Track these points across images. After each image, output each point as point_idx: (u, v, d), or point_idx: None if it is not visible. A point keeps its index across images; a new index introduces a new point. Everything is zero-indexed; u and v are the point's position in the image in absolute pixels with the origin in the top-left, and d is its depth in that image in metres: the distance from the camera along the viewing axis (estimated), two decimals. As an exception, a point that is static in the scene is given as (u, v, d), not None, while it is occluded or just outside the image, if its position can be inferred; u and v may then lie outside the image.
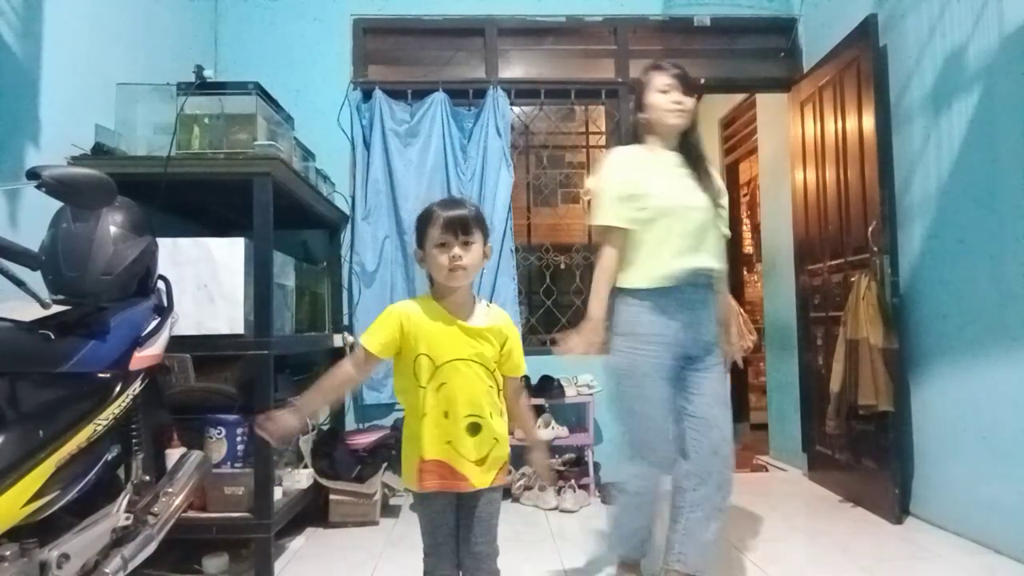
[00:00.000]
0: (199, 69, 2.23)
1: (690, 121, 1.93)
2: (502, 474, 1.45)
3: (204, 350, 2.05)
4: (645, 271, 1.83)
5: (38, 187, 1.23)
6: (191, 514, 2.04)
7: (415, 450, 1.40)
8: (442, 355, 1.39)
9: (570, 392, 3.16)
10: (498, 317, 1.47)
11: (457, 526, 1.45)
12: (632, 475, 1.90)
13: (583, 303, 3.65)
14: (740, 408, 4.79)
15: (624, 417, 1.89)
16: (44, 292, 1.40)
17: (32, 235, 1.58)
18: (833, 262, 3.10)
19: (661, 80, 1.91)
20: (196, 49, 3.12)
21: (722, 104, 5.02)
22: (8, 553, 1.20)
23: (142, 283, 1.64)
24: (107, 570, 1.41)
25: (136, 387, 1.54)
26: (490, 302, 1.53)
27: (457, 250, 1.37)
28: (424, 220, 1.43)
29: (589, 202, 1.97)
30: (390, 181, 3.30)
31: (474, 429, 1.39)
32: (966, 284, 2.42)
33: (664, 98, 1.90)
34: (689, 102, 1.91)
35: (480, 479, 1.40)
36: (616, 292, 1.88)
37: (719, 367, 1.91)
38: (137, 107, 2.33)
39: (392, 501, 2.98)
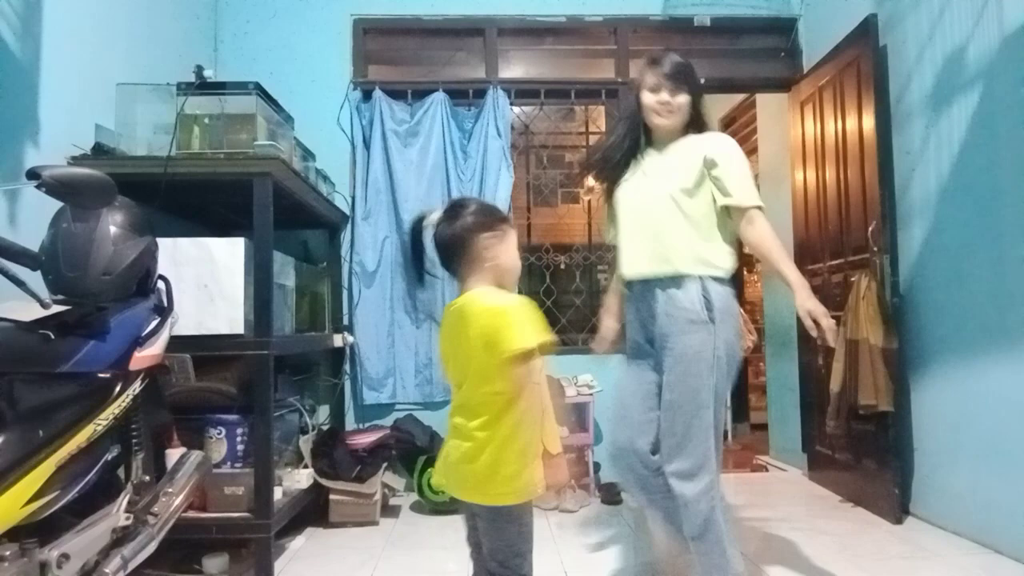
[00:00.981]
0: (199, 69, 2.23)
1: (682, 119, 1.88)
2: None
3: (204, 350, 2.05)
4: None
5: (38, 187, 1.23)
6: (191, 514, 2.04)
7: (535, 448, 1.35)
8: None
9: (570, 392, 3.16)
10: None
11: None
12: None
13: (583, 303, 3.65)
14: (740, 408, 4.79)
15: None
16: (44, 292, 1.40)
17: (32, 235, 1.58)
18: (833, 262, 3.10)
19: (650, 79, 1.88)
20: (196, 49, 3.12)
21: (722, 104, 5.02)
22: (8, 553, 1.20)
23: (142, 283, 1.64)
24: (107, 570, 1.41)
25: (136, 387, 1.54)
26: None
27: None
28: (499, 218, 1.43)
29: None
30: (390, 181, 3.30)
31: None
32: (966, 284, 2.42)
33: (652, 97, 1.87)
34: (679, 100, 1.85)
35: None
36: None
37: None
38: (137, 107, 2.33)
39: (392, 501, 2.99)
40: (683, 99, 1.86)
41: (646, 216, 1.85)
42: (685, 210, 1.81)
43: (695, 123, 1.90)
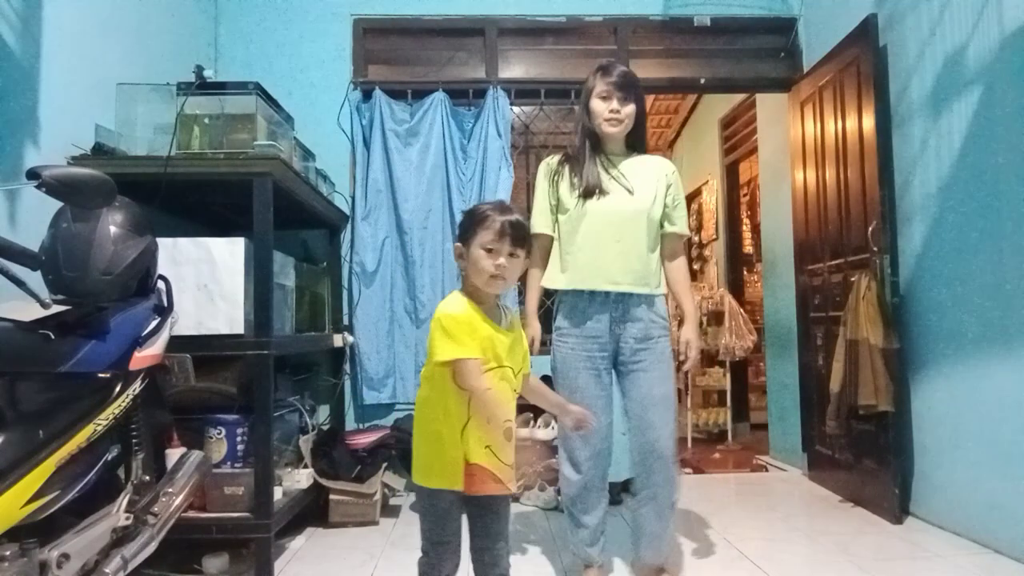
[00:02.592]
0: (199, 69, 2.23)
1: (628, 128, 2.00)
2: None
3: (204, 350, 2.05)
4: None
5: (38, 187, 1.23)
6: (191, 514, 2.04)
7: (455, 453, 1.37)
8: (489, 362, 1.38)
9: (570, 392, 3.16)
10: (517, 318, 1.51)
11: (466, 525, 1.46)
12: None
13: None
14: (740, 408, 4.79)
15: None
16: (44, 292, 1.41)
17: (32, 235, 1.58)
18: (833, 262, 3.10)
19: (600, 86, 1.97)
20: (196, 49, 3.12)
21: (722, 104, 5.03)
22: (8, 553, 1.20)
23: (142, 283, 1.64)
24: (107, 570, 1.41)
25: (136, 387, 1.54)
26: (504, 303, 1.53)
27: (503, 260, 1.37)
28: (475, 218, 1.41)
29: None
30: (390, 181, 3.30)
31: (509, 434, 1.39)
32: (966, 284, 2.42)
33: (602, 105, 1.97)
34: (628, 110, 1.96)
35: (513, 482, 1.42)
36: None
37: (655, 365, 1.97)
38: (137, 107, 2.33)
39: (392, 501, 2.99)
40: (630, 109, 1.97)
41: (622, 231, 1.95)
42: (653, 231, 1.98)
43: (636, 133, 2.03)
